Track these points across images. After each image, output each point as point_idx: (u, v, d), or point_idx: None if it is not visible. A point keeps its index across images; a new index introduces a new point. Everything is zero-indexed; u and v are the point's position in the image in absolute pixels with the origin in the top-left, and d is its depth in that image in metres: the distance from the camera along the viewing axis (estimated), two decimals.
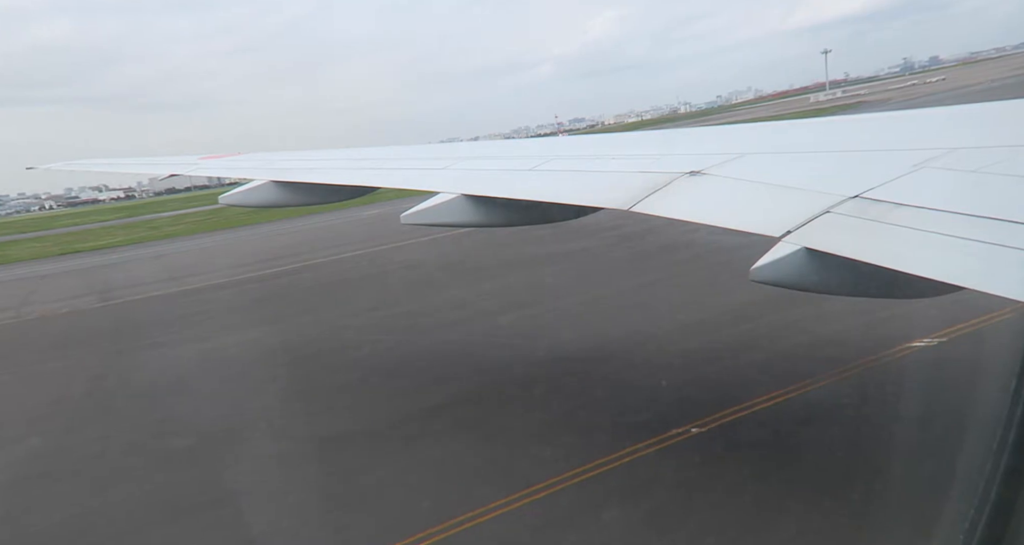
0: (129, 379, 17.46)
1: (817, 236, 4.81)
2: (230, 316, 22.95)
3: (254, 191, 11.99)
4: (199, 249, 45.04)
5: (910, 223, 4.49)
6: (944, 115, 7.60)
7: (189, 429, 12.90)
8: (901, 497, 7.36)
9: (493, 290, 21.14)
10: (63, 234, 78.17)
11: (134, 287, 31.33)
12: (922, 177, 5.06)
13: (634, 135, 11.23)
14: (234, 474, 10.86)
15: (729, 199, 6.17)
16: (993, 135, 5.88)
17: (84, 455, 12.54)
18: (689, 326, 14.78)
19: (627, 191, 6.81)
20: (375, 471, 10.17)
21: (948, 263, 4.07)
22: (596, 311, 17.37)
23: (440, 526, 8.30)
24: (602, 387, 12.20)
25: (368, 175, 11.55)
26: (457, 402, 12.43)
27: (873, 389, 10.52)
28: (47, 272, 42.37)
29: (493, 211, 8.85)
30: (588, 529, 8.06)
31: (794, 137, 8.23)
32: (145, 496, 10.49)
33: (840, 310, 13.22)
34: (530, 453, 9.96)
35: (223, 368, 17.13)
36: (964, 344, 11.34)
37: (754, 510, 7.91)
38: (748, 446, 9.40)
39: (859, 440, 8.87)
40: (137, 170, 18.87)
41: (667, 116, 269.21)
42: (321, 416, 12.65)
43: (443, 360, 15.16)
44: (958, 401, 8.31)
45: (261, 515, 9.46)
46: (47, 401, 16.15)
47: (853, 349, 11.89)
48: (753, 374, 11.75)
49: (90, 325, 24.95)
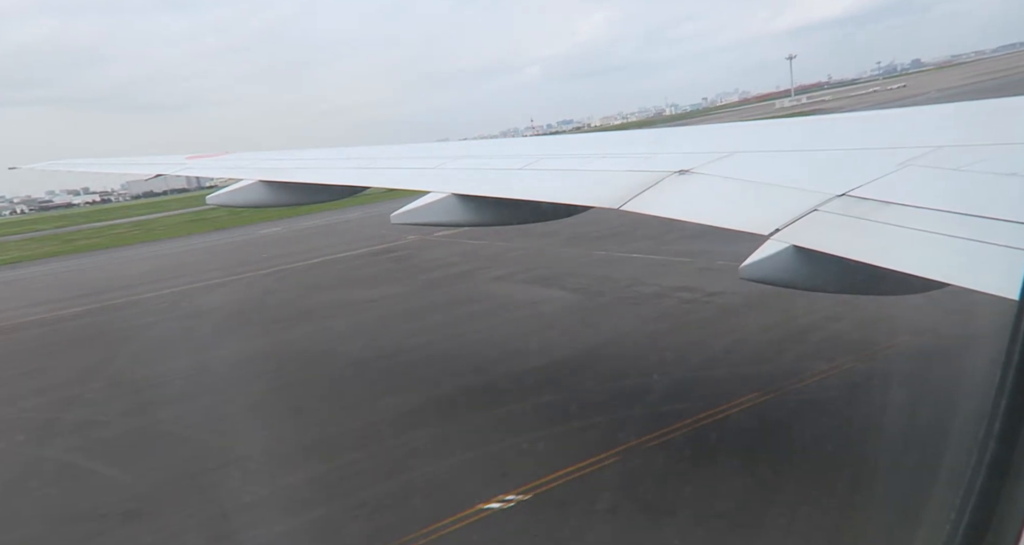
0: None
1: (805, 234, 4.88)
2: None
3: (241, 191, 11.85)
4: (50, 272, 42.03)
5: (895, 221, 4.57)
6: (928, 114, 7.72)
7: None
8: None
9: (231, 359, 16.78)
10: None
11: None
12: (907, 175, 5.14)
13: (624, 134, 11.30)
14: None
15: (718, 198, 6.23)
16: (976, 134, 5.98)
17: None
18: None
19: (617, 190, 6.86)
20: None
21: (933, 260, 4.14)
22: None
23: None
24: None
25: (358, 174, 11.51)
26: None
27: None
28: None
29: (483, 210, 8.84)
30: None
31: (782, 136, 8.32)
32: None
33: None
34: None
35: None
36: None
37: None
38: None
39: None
40: (123, 170, 18.69)
41: (652, 118, 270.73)
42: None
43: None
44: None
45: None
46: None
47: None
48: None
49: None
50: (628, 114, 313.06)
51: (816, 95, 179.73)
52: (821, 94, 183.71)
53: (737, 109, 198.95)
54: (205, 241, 48.49)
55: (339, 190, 11.64)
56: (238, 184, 12.01)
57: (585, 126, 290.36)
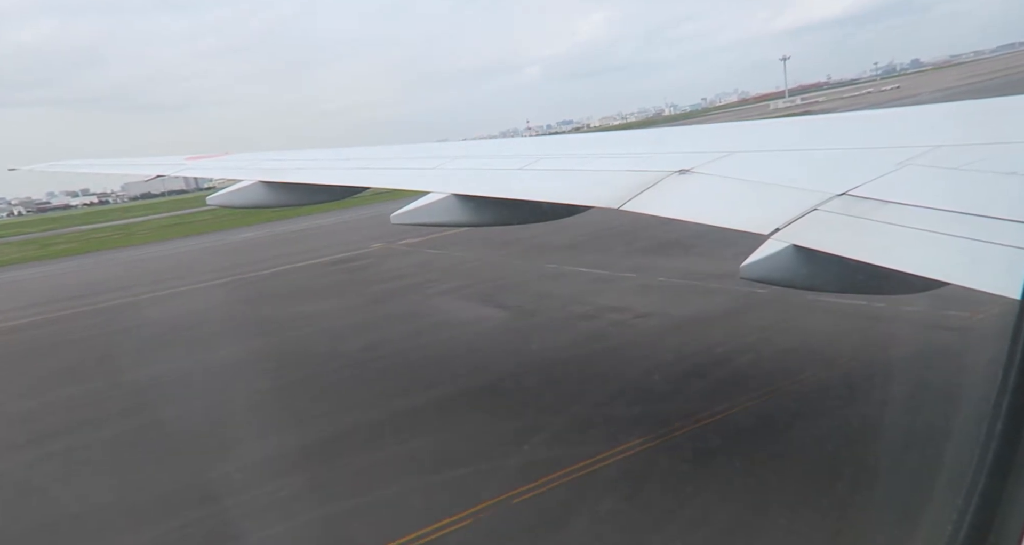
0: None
1: (805, 233, 4.87)
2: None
3: (242, 192, 11.84)
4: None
5: (896, 220, 4.56)
6: (927, 113, 7.72)
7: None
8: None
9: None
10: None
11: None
12: (907, 174, 5.14)
13: (624, 134, 11.27)
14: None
15: (717, 197, 6.22)
16: (975, 133, 5.98)
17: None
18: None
19: (617, 190, 6.84)
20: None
21: (933, 259, 4.13)
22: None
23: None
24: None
25: (358, 175, 11.49)
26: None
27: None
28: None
29: (483, 210, 8.83)
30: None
31: (782, 136, 8.31)
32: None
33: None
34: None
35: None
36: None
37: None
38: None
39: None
40: (123, 171, 18.64)
41: (651, 119, 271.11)
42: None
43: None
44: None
45: None
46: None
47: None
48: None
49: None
50: (628, 114, 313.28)
51: (811, 96, 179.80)
52: (816, 95, 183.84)
53: (736, 109, 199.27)
54: (178, 247, 48.32)
55: (339, 190, 11.62)
56: (238, 185, 11.99)
57: (584, 127, 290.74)
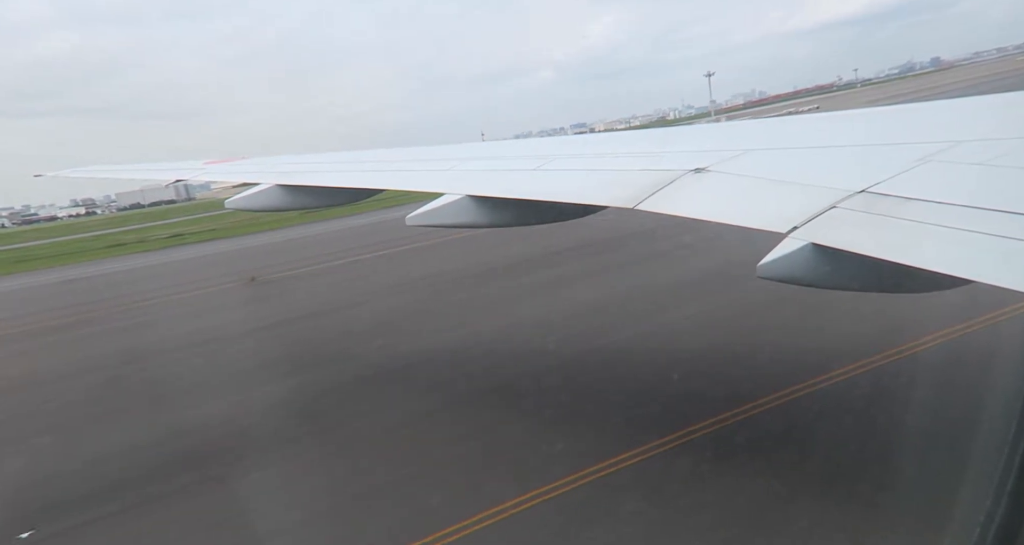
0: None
1: (824, 231, 4.80)
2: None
3: (259, 195, 11.98)
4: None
5: (918, 217, 4.48)
6: (947, 108, 7.58)
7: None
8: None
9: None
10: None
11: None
12: (928, 171, 5.05)
13: (639, 133, 11.22)
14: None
15: (734, 196, 6.15)
16: (997, 128, 5.86)
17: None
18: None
19: (632, 189, 6.79)
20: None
21: (960, 257, 4.05)
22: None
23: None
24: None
25: (373, 177, 11.56)
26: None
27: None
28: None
29: (498, 211, 8.82)
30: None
31: (797, 133, 8.21)
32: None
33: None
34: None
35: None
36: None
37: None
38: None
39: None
40: (142, 176, 18.91)
41: (656, 122, 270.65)
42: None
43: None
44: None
45: None
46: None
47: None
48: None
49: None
50: (640, 117, 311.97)
51: (804, 102, 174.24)
52: (822, 99, 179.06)
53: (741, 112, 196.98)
54: (107, 268, 45.26)
55: (355, 193, 11.71)
56: (256, 188, 12.14)
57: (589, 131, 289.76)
